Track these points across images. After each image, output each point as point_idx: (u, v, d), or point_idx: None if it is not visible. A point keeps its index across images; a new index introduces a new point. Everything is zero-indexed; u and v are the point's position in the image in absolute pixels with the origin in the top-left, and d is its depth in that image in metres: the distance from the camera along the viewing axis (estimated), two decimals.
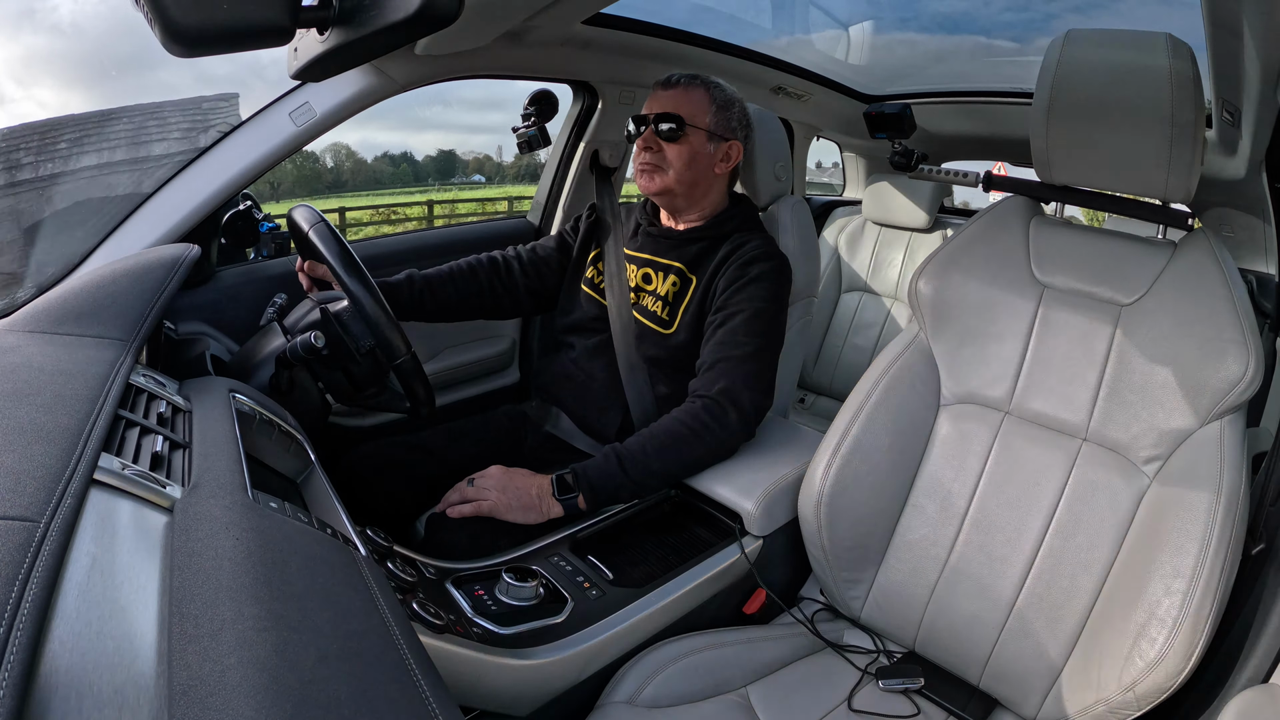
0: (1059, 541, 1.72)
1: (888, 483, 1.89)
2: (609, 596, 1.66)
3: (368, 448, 2.24)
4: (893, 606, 1.90)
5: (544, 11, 2.12)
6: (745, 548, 1.89)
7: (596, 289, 2.40)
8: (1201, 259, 1.72)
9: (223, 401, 1.35)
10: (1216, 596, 1.45)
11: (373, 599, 0.95)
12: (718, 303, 2.16)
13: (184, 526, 0.87)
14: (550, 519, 1.90)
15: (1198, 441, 1.61)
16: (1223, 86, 2.21)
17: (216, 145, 2.16)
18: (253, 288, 2.36)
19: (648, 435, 1.99)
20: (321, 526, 1.08)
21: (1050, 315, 1.85)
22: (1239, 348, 1.59)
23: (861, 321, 4.17)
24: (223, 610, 0.74)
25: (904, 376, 1.93)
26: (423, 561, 1.62)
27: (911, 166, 2.35)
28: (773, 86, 3.59)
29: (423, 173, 32.76)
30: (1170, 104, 1.61)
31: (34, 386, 1.04)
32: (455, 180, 32.36)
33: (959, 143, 4.18)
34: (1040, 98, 1.78)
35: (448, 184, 31.72)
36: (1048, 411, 1.82)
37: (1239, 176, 2.73)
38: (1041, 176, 1.90)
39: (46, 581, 0.66)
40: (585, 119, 3.07)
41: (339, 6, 1.25)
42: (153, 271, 1.56)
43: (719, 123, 2.25)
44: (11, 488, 0.77)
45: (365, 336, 1.79)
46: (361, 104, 2.27)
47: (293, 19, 1.19)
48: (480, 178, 29.40)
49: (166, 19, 1.06)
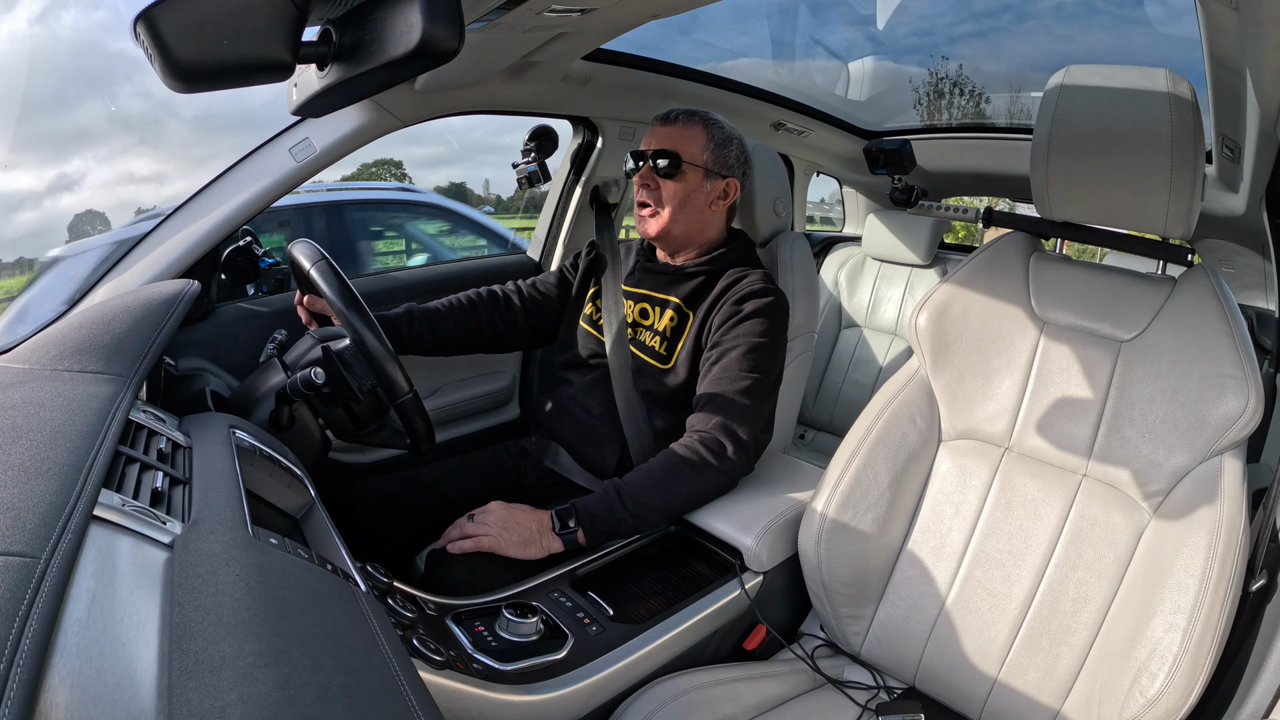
0: (1059, 577, 1.72)
1: (888, 518, 1.88)
2: (609, 632, 1.65)
3: (368, 484, 2.24)
4: (893, 642, 1.89)
5: (544, 47, 2.13)
6: (745, 584, 1.88)
7: (595, 325, 2.40)
8: (1201, 295, 1.73)
9: (223, 437, 1.35)
10: (1217, 632, 1.45)
11: (373, 635, 0.94)
12: (714, 338, 2.16)
13: (184, 562, 0.87)
14: (550, 554, 1.89)
15: (1198, 477, 1.61)
16: (1223, 122, 2.21)
17: (217, 181, 2.16)
18: (253, 323, 2.36)
19: (646, 471, 1.98)
20: (322, 563, 1.08)
21: (1050, 351, 1.86)
22: (1239, 384, 1.59)
23: (861, 357, 4.18)
24: (223, 646, 0.73)
25: (904, 412, 1.93)
26: (423, 598, 1.62)
27: (911, 202, 2.35)
28: (772, 122, 3.61)
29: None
30: (1170, 140, 1.62)
31: (34, 422, 1.04)
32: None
33: (959, 179, 4.19)
34: (1040, 134, 1.79)
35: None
36: (1048, 447, 1.82)
37: (1239, 212, 2.74)
38: (1041, 212, 1.91)
39: (47, 618, 0.66)
40: (585, 154, 3.08)
41: (339, 42, 1.25)
42: (153, 307, 1.56)
43: (717, 160, 2.26)
44: (11, 524, 0.77)
45: (367, 375, 1.79)
46: (361, 139, 2.27)
47: (293, 55, 1.19)
48: (490, 209, 29.88)
49: (167, 55, 1.06)
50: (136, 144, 6.89)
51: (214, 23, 1.09)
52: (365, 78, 1.22)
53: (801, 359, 2.50)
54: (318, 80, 1.34)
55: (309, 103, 1.44)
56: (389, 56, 1.13)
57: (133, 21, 1.06)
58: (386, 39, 1.13)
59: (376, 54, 1.16)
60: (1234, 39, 1.62)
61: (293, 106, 1.61)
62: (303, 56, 1.23)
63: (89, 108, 5.58)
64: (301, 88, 1.48)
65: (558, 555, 1.90)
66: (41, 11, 4.88)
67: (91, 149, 5.38)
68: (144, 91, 4.69)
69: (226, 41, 1.11)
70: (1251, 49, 1.52)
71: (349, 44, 1.23)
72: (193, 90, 1.15)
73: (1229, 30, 1.59)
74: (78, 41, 5.10)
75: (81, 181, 5.16)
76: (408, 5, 1.09)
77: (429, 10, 1.08)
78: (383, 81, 1.27)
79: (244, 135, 2.19)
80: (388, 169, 9.68)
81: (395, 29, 1.11)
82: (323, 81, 1.33)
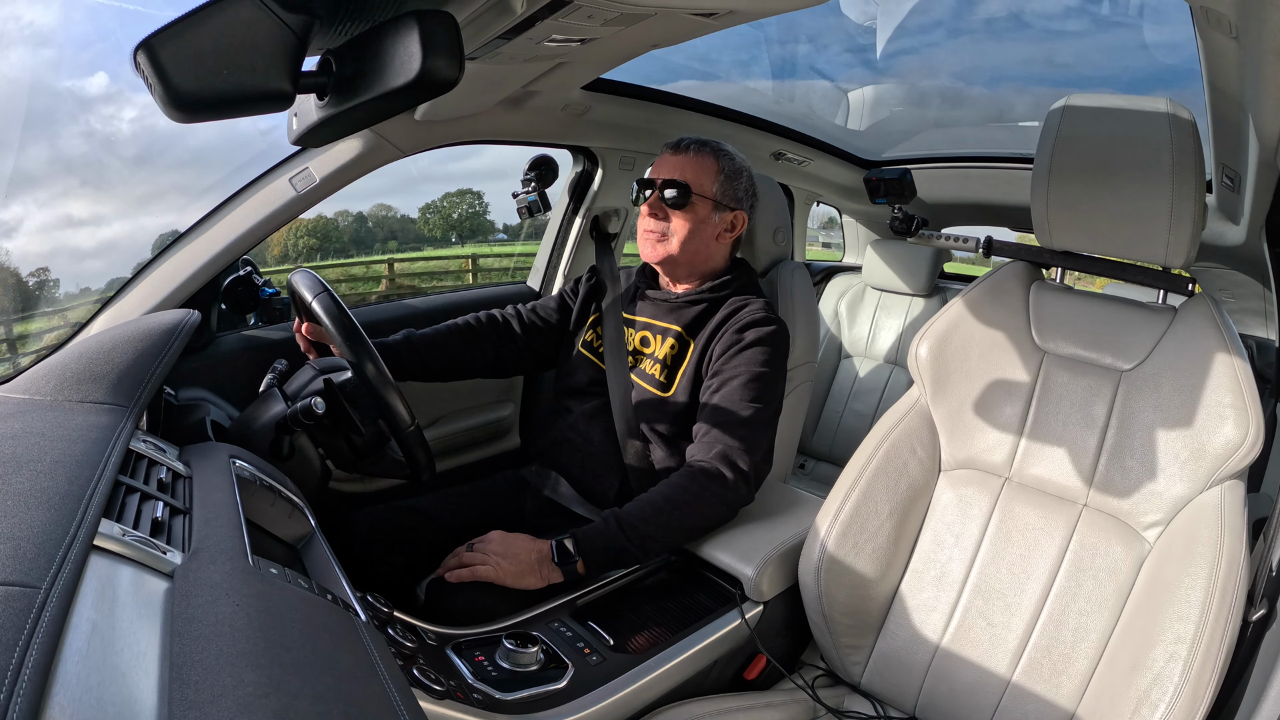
0: (1060, 607, 1.71)
1: (888, 548, 1.88)
2: (610, 662, 1.64)
3: (368, 513, 2.23)
4: (893, 672, 1.89)
5: (544, 77, 2.14)
6: (746, 613, 1.88)
7: (595, 352, 2.40)
8: (1202, 324, 1.73)
9: (223, 467, 1.35)
10: (1217, 662, 1.45)
11: (373, 665, 0.94)
12: (714, 367, 2.16)
13: (184, 592, 0.87)
14: (550, 584, 1.89)
15: (1198, 507, 1.61)
16: (1223, 152, 2.22)
17: (217, 211, 2.17)
18: (253, 353, 2.36)
19: (646, 500, 1.98)
20: (322, 592, 1.08)
21: (1051, 381, 1.86)
22: (1239, 413, 1.60)
23: (861, 387, 4.18)
24: (223, 676, 0.73)
25: (904, 442, 1.93)
26: (423, 627, 1.61)
27: (911, 231, 2.36)
28: (773, 152, 3.62)
29: (464, 231, 34.56)
30: (1171, 169, 1.63)
31: (35, 452, 1.04)
32: (487, 238, 33.73)
33: (959, 208, 4.19)
34: (1041, 163, 1.80)
35: (483, 240, 33.11)
36: (1048, 477, 1.82)
37: (1239, 242, 2.74)
38: (1042, 242, 1.92)
39: (47, 647, 0.66)
40: (585, 183, 3.09)
41: (339, 72, 1.26)
42: (153, 337, 1.56)
43: (726, 192, 2.26)
44: (12, 553, 0.77)
45: (370, 409, 1.79)
46: (361, 169, 2.29)
47: (293, 85, 1.19)
48: (503, 235, 30.50)
49: (167, 85, 1.07)
50: (78, 185, 7.01)
51: (214, 53, 1.09)
52: (365, 108, 1.22)
53: (802, 389, 2.50)
54: (317, 110, 1.34)
55: (309, 133, 1.44)
56: (389, 86, 1.14)
57: (133, 51, 1.07)
58: (386, 69, 1.14)
59: (376, 84, 1.16)
60: (1234, 69, 1.62)
61: (293, 136, 1.61)
62: (303, 86, 1.23)
63: (32, 150, 5.62)
64: (301, 117, 1.48)
65: (557, 585, 1.89)
66: None
67: (31, 192, 5.44)
68: (86, 131, 4.71)
69: (226, 72, 1.11)
70: (1251, 79, 1.52)
71: (349, 74, 1.23)
72: (192, 120, 1.15)
73: (1229, 60, 1.59)
74: (20, 81, 5.14)
75: (19, 227, 5.19)
76: (408, 35, 1.10)
77: (429, 40, 1.09)
78: (383, 111, 1.27)
79: (186, 173, 2.21)
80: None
81: (395, 59, 1.12)
82: (322, 111, 1.33)
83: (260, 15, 1.12)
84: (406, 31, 1.10)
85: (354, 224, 31.04)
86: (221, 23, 1.10)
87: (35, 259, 5.08)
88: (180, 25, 1.07)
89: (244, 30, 1.11)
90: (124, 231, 6.76)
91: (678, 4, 1.56)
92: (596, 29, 1.70)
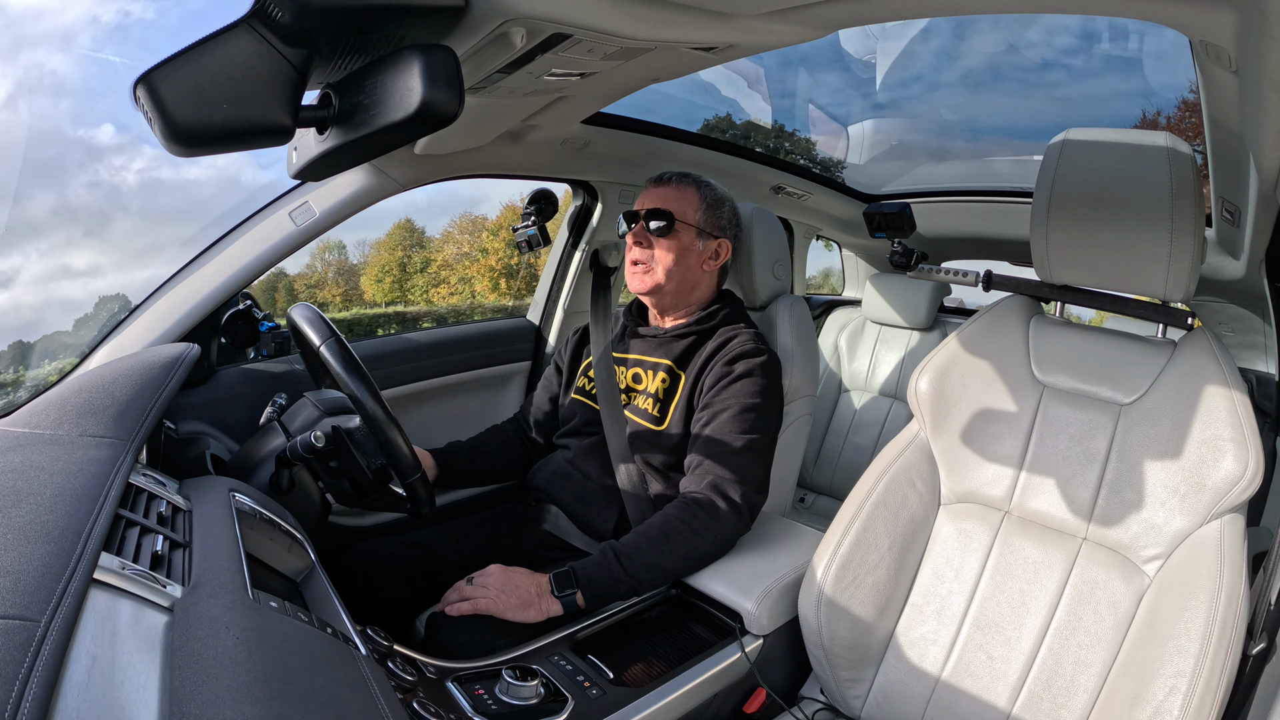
0: (1059, 641, 1.71)
1: (888, 582, 1.88)
2: (609, 696, 1.64)
3: (368, 547, 2.23)
4: (893, 706, 1.88)
5: (544, 111, 2.15)
6: (745, 647, 1.87)
7: (589, 395, 2.42)
8: (1201, 358, 1.73)
9: (223, 501, 1.35)
10: (1217, 696, 1.44)
11: (373, 699, 0.94)
12: (705, 400, 2.18)
13: (184, 626, 0.87)
14: (550, 617, 1.88)
15: (1198, 541, 1.61)
16: (1222, 186, 2.22)
17: (217, 244, 2.18)
18: (253, 387, 2.37)
19: (643, 533, 1.98)
20: (322, 626, 1.08)
21: (1050, 414, 1.86)
22: (1239, 447, 1.60)
23: (861, 420, 4.18)
24: (223, 710, 0.73)
25: (904, 475, 1.93)
26: (423, 661, 1.61)
27: (911, 265, 2.36)
28: (772, 186, 3.64)
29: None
30: (1170, 203, 1.64)
31: (34, 486, 1.04)
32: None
33: (959, 242, 4.20)
34: (1040, 197, 1.81)
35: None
36: (1048, 511, 1.82)
37: (1239, 276, 2.75)
38: (1041, 275, 1.92)
39: (47, 681, 0.66)
40: (584, 217, 3.11)
41: (338, 106, 1.26)
42: (153, 371, 1.57)
43: (708, 220, 2.30)
44: (11, 587, 0.77)
45: (377, 455, 1.80)
46: (361, 203, 2.30)
47: (293, 118, 1.20)
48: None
49: (166, 118, 1.07)
50: (81, 236, 7.01)
51: (214, 86, 1.10)
52: (365, 141, 1.22)
53: (800, 421, 2.50)
54: (317, 144, 1.35)
55: (309, 167, 1.45)
56: (389, 120, 1.14)
57: (133, 85, 1.07)
58: (386, 103, 1.14)
59: (376, 118, 1.16)
60: (1233, 103, 1.63)
61: (292, 170, 1.62)
62: (302, 120, 1.24)
63: (39, 198, 5.66)
64: (301, 151, 1.49)
65: (557, 618, 1.89)
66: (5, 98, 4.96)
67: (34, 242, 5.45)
68: (94, 181, 4.74)
69: (226, 105, 1.12)
70: (1251, 113, 1.53)
71: (349, 108, 1.24)
72: (192, 154, 1.15)
73: (1228, 94, 1.60)
74: (36, 129, 5.16)
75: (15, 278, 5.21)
76: (408, 69, 1.11)
77: (429, 74, 1.09)
78: (383, 145, 1.27)
79: (188, 223, 2.22)
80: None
81: (395, 93, 1.12)
82: (322, 145, 1.33)
83: (260, 49, 1.13)
84: (407, 65, 1.11)
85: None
86: (221, 56, 1.10)
87: (27, 310, 5.08)
88: (180, 59, 1.07)
89: (244, 64, 1.12)
90: (118, 284, 6.73)
91: (677, 38, 1.57)
92: (596, 63, 1.71)
